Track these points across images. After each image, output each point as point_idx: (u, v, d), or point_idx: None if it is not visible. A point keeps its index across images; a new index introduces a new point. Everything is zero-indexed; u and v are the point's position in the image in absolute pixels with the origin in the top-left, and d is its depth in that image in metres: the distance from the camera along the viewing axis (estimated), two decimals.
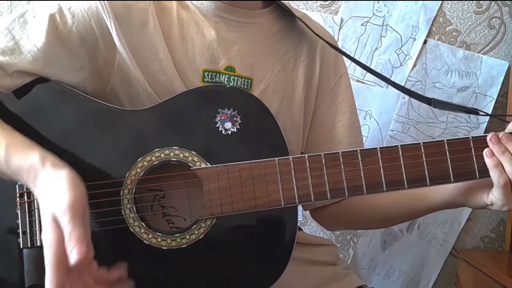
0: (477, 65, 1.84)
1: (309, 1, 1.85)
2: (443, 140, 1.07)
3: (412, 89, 1.82)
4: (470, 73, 1.84)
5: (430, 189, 1.17)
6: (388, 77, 1.81)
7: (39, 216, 1.01)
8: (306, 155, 1.07)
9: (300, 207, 1.45)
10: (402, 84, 1.83)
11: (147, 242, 1.06)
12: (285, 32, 1.27)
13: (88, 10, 1.10)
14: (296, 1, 1.84)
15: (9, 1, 1.80)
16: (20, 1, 1.80)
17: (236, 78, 1.19)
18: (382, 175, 1.07)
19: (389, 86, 1.80)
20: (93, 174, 1.05)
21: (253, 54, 1.22)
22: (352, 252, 1.92)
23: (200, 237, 1.07)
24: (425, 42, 1.85)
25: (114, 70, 1.13)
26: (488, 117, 1.77)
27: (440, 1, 1.83)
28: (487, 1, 1.83)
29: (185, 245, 1.07)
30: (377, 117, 1.87)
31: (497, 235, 1.90)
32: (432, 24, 1.84)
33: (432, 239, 1.89)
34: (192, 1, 1.20)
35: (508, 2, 1.82)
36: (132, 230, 1.06)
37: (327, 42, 1.27)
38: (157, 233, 1.07)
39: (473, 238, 1.90)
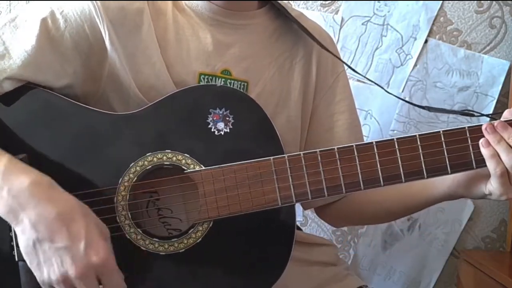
0: (478, 65, 1.83)
1: (309, 1, 1.84)
2: (439, 131, 1.07)
3: (413, 88, 1.83)
4: (471, 72, 1.83)
5: (429, 182, 1.17)
6: (389, 76, 1.83)
7: None
8: (301, 153, 1.06)
9: (300, 208, 1.45)
10: (403, 84, 1.84)
11: (144, 248, 1.06)
12: (281, 33, 1.27)
13: (81, 14, 1.09)
14: (296, 1, 1.84)
15: (8, 1, 1.80)
16: (19, 1, 1.80)
17: (232, 81, 1.19)
18: (379, 169, 1.06)
19: (390, 85, 1.82)
20: (85, 182, 1.05)
21: (249, 56, 1.21)
22: (353, 252, 1.91)
23: (198, 241, 1.07)
24: (426, 41, 1.84)
25: (104, 74, 1.12)
26: (488, 117, 1.76)
27: (441, 1, 1.83)
28: (488, 1, 1.82)
29: (183, 250, 1.07)
30: (378, 117, 1.86)
31: (498, 235, 1.89)
32: (433, 24, 1.84)
33: (433, 240, 1.88)
34: (187, 2, 1.19)
35: (509, 2, 1.81)
36: (128, 237, 1.06)
37: (320, 45, 1.27)
38: (154, 239, 1.06)
39: (474, 238, 1.89)
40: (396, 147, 1.06)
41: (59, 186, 0.97)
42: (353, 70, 1.34)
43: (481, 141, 1.06)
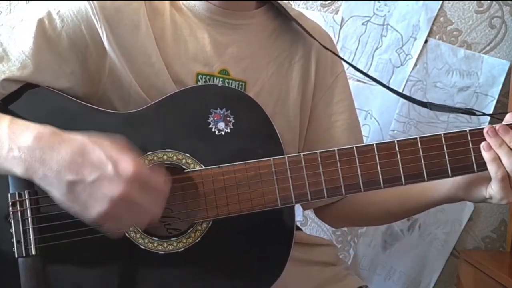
0: (478, 65, 1.83)
1: (309, 1, 1.84)
2: (440, 134, 1.06)
3: (413, 88, 1.83)
4: (471, 72, 1.83)
5: (430, 184, 1.16)
6: (389, 76, 1.83)
7: (33, 224, 1.01)
8: (301, 154, 1.06)
9: (300, 208, 1.45)
10: (403, 84, 1.84)
11: (143, 247, 1.06)
12: (280, 32, 1.26)
13: (77, 14, 1.08)
14: (296, 1, 1.84)
15: (8, 1, 1.80)
16: (19, 1, 1.80)
17: (230, 81, 1.19)
18: (379, 171, 1.06)
19: (390, 85, 1.81)
20: None
21: (247, 56, 1.21)
22: (353, 252, 1.91)
23: (197, 241, 1.07)
24: (426, 41, 1.84)
25: (105, 74, 1.12)
26: (490, 116, 1.76)
27: (441, 1, 1.83)
28: (488, 1, 1.82)
29: (182, 249, 1.06)
30: (378, 117, 1.86)
31: (498, 235, 1.89)
32: (433, 24, 1.84)
33: (433, 240, 1.89)
34: (184, 2, 1.19)
35: (509, 2, 1.81)
36: (128, 236, 1.06)
37: (320, 43, 1.27)
38: (153, 238, 1.06)
39: (474, 238, 1.89)
40: (397, 149, 1.06)
41: (62, 130, 0.96)
42: (355, 68, 1.33)
43: (483, 144, 1.05)
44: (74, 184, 0.90)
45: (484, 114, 1.42)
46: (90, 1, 1.09)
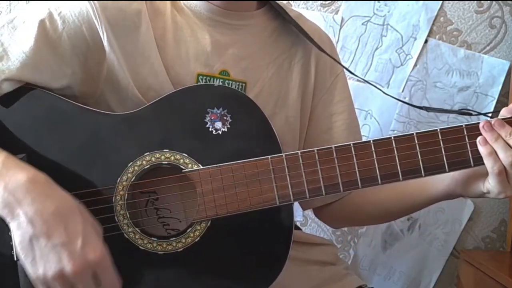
0: (478, 65, 1.83)
1: (309, 1, 1.84)
2: (436, 129, 1.07)
3: (413, 88, 1.83)
4: (471, 72, 1.83)
5: (428, 181, 1.18)
6: (389, 76, 1.83)
7: None
8: (299, 151, 1.06)
9: (300, 208, 1.45)
10: (403, 84, 1.84)
11: (143, 248, 1.06)
12: (280, 33, 1.27)
13: (79, 15, 1.08)
14: (296, 1, 1.84)
15: (8, 1, 1.80)
16: (19, 1, 1.80)
17: (230, 82, 1.19)
18: (377, 168, 1.06)
19: (390, 85, 1.81)
20: (83, 182, 1.04)
21: (247, 57, 1.21)
22: (353, 252, 1.91)
23: (196, 240, 1.07)
24: (426, 41, 1.84)
25: (103, 75, 1.11)
26: (485, 115, 1.76)
27: (441, 1, 1.83)
28: (488, 1, 1.82)
29: (181, 249, 1.06)
30: (378, 117, 1.86)
31: (498, 235, 1.89)
32: (433, 24, 1.84)
33: (433, 240, 1.89)
34: (185, 2, 1.19)
35: (509, 2, 1.81)
36: (127, 237, 1.06)
37: (316, 46, 1.26)
38: (152, 238, 1.06)
39: (474, 238, 1.89)
40: (394, 145, 1.06)
41: (56, 184, 0.96)
42: (350, 72, 1.34)
43: (479, 139, 1.06)
44: (37, 238, 0.91)
45: (480, 114, 1.42)
46: (91, 2, 1.09)
